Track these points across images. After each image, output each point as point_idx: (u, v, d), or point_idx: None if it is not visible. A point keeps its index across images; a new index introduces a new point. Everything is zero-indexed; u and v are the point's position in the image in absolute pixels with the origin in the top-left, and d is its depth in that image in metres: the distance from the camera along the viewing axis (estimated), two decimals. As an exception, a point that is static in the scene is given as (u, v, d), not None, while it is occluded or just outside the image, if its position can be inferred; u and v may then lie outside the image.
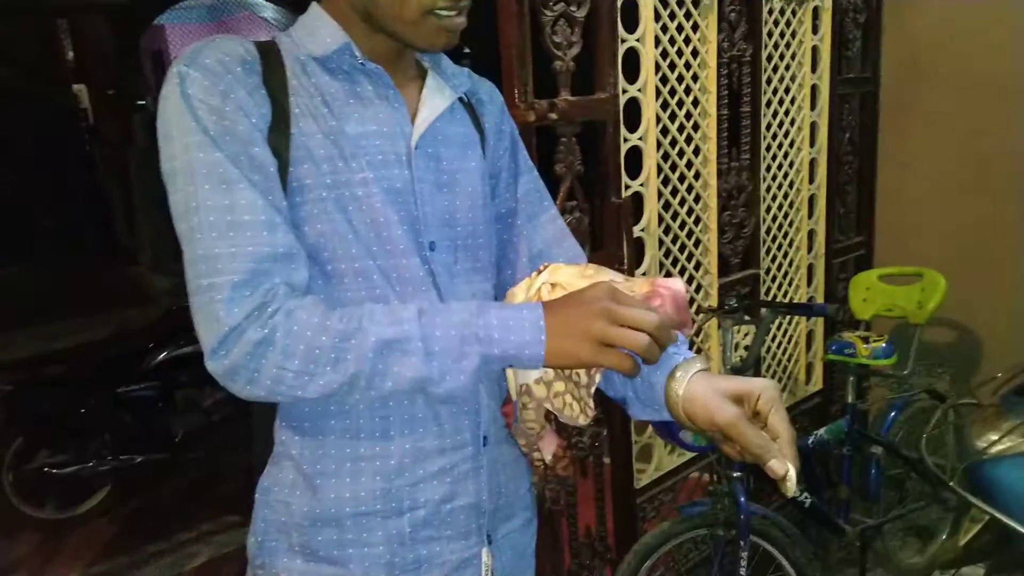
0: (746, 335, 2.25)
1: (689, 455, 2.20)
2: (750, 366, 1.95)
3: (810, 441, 2.15)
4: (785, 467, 0.72)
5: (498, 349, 0.75)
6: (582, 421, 0.90)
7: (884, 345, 2.16)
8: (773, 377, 2.49)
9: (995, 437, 1.65)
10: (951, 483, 1.72)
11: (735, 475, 1.90)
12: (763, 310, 1.95)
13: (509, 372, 0.90)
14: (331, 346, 0.75)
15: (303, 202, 0.81)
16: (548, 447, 1.02)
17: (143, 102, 7.54)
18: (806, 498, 2.06)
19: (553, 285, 0.90)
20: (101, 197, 7.53)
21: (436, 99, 0.91)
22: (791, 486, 0.73)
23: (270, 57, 0.83)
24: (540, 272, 0.93)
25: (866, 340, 2.18)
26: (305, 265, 0.80)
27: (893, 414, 2.35)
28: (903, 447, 2.31)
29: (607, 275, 0.92)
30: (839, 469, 2.26)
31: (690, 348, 2.13)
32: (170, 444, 3.39)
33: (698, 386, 0.79)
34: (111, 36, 7.14)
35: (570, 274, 0.92)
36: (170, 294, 5.13)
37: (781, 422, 0.75)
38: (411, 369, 0.75)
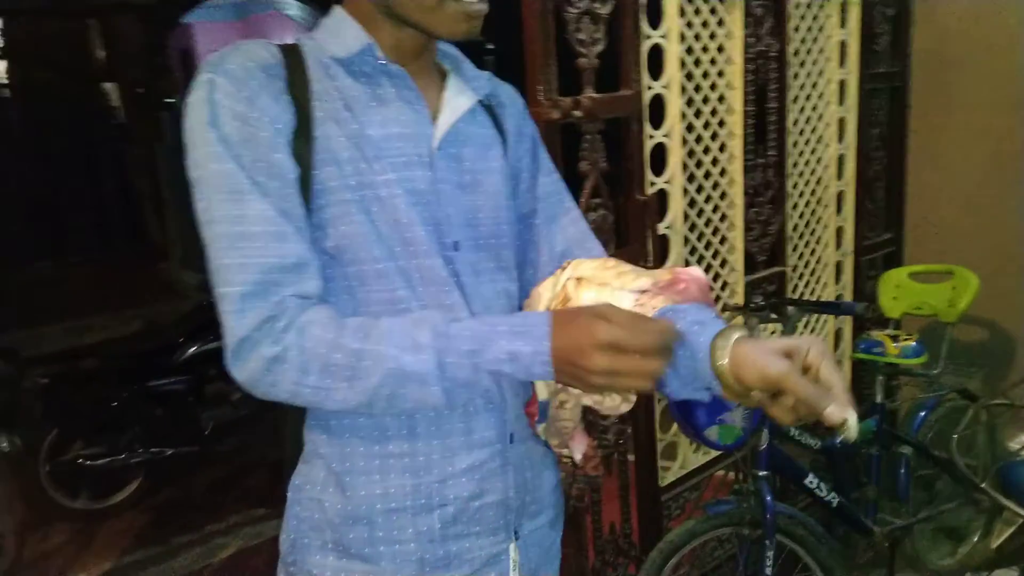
0: (773, 333, 2.23)
1: (715, 453, 2.19)
2: (776, 364, 1.93)
3: (838, 440, 2.13)
4: (844, 413, 0.70)
5: (506, 381, 0.79)
6: (624, 408, 0.91)
7: (914, 344, 2.13)
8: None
9: (1028, 438, 1.62)
10: (983, 485, 1.69)
11: (761, 474, 1.89)
12: (790, 308, 1.93)
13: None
14: (346, 364, 0.76)
15: (327, 204, 0.82)
16: (579, 446, 1.03)
17: (172, 100, 7.64)
18: (833, 497, 2.05)
19: (579, 280, 0.91)
20: (131, 193, 7.65)
21: (458, 101, 0.91)
22: (852, 432, 0.71)
23: (293, 60, 0.84)
24: (564, 269, 0.93)
25: (895, 339, 2.15)
26: (318, 274, 0.81)
27: (923, 414, 2.32)
28: (933, 447, 2.27)
29: (628, 267, 0.92)
30: (867, 469, 2.23)
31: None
32: (200, 437, 3.45)
33: (744, 347, 0.76)
34: (140, 35, 7.24)
35: (593, 267, 0.93)
36: (200, 289, 5.18)
37: (832, 373, 0.73)
38: (428, 397, 0.78)
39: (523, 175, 1.00)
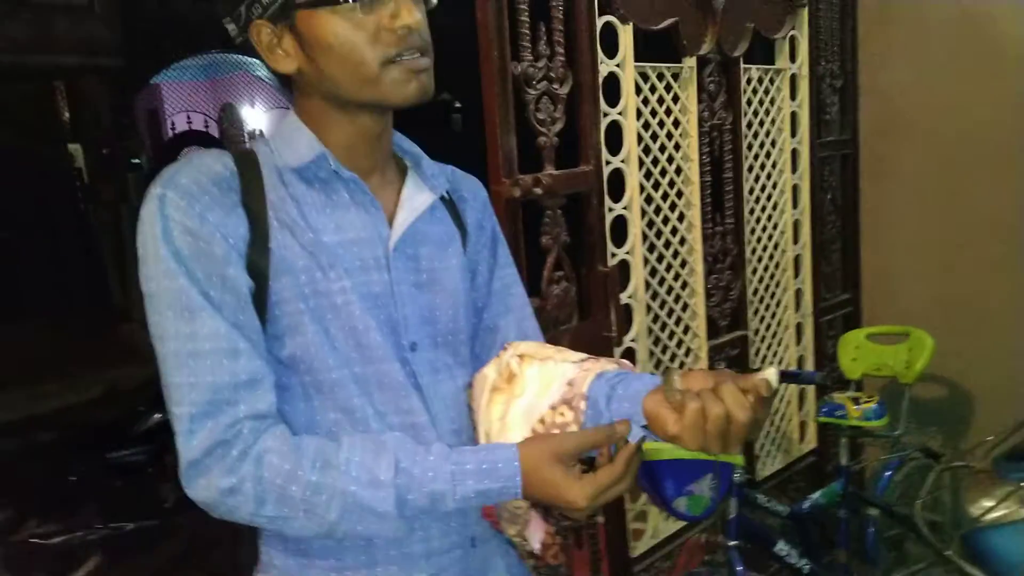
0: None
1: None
2: (741, 432, 1.95)
3: (805, 505, 2.14)
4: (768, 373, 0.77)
5: (474, 504, 0.80)
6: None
7: (875, 406, 2.16)
8: (766, 437, 2.49)
9: (989, 504, 1.65)
10: (948, 552, 1.70)
11: (731, 544, 1.89)
12: (752, 377, 1.95)
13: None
14: (302, 498, 0.76)
15: (281, 315, 0.82)
16: (535, 534, 1.02)
17: (137, 160, 7.62)
18: (805, 564, 2.04)
19: (521, 357, 0.92)
20: (95, 255, 7.55)
21: (416, 200, 0.92)
22: (772, 374, 0.78)
23: (248, 169, 0.85)
24: (505, 350, 0.95)
25: (856, 401, 2.18)
26: (272, 388, 0.81)
27: (888, 474, 2.34)
28: (900, 507, 2.29)
29: (568, 353, 0.93)
30: (836, 533, 2.24)
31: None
32: (161, 510, 3.34)
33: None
34: (106, 96, 7.24)
35: (534, 346, 0.94)
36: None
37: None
38: (387, 530, 0.79)
39: (480, 268, 1.01)
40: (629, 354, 2.00)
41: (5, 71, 6.61)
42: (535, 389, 0.87)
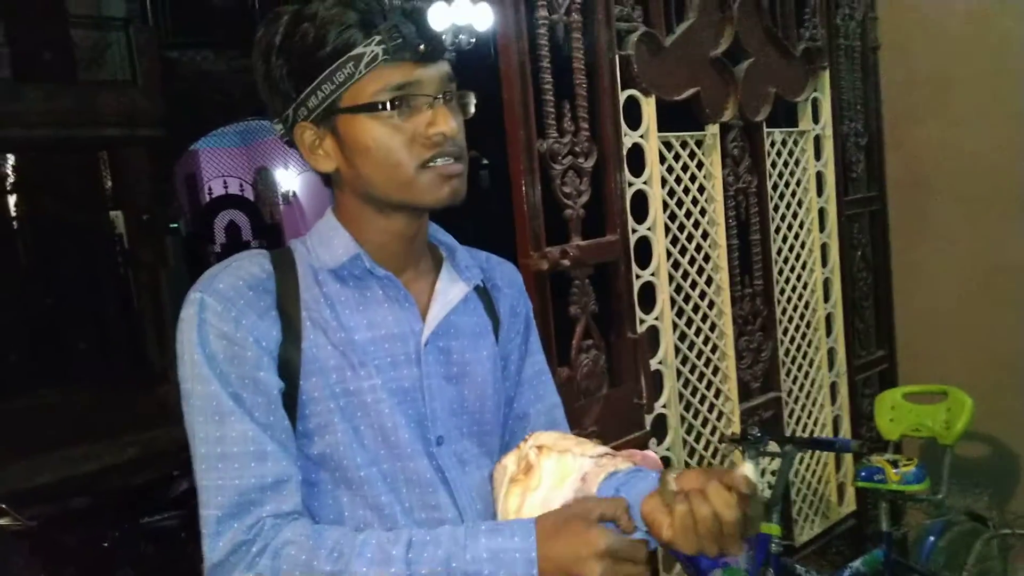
0: (772, 461, 2.22)
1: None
2: (777, 499, 1.91)
3: (846, 574, 2.08)
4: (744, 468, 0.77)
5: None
6: None
7: (915, 469, 2.11)
8: (803, 501, 2.43)
9: (1040, 575, 1.58)
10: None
11: (770, 615, 1.83)
12: (786, 446, 1.93)
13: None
14: None
15: (311, 414, 0.84)
16: None
17: (176, 224, 7.86)
18: (847, 637, 1.97)
19: (540, 448, 0.92)
20: (134, 317, 7.73)
21: (449, 293, 0.94)
22: (749, 469, 0.78)
23: (285, 271, 0.88)
24: (526, 441, 0.95)
25: (895, 464, 2.13)
26: (298, 489, 0.82)
27: (932, 539, 2.26)
28: (945, 574, 2.21)
29: (588, 446, 0.93)
30: (880, 602, 2.16)
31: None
32: (194, 575, 3.34)
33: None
34: (147, 165, 7.52)
35: (554, 438, 0.94)
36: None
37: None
38: None
39: (512, 356, 1.02)
40: (660, 420, 1.98)
41: (53, 143, 6.92)
42: (550, 483, 0.87)
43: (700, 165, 2.09)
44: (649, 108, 1.91)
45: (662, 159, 1.97)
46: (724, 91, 2.12)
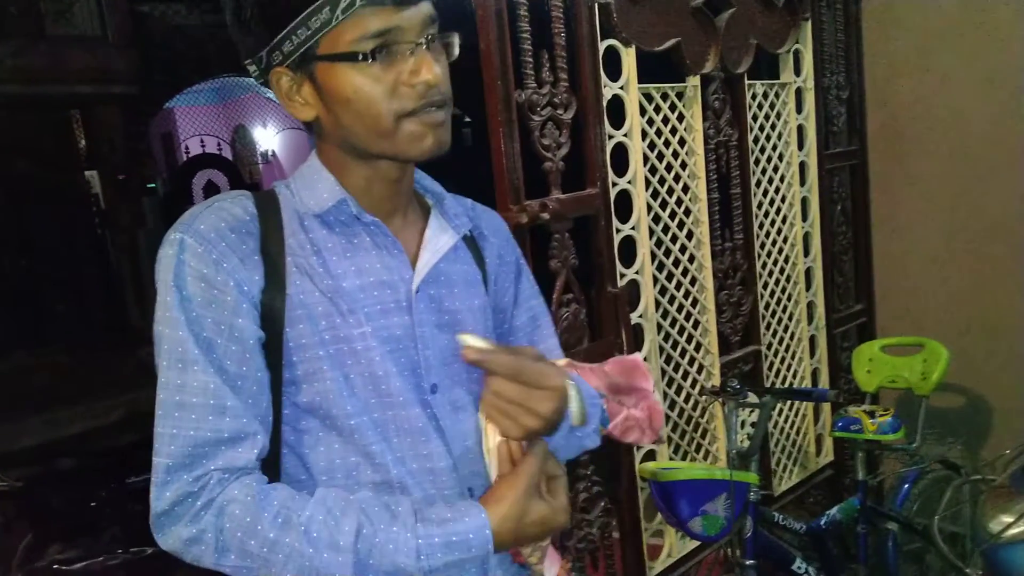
0: (751, 413, 2.25)
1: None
2: (755, 449, 1.94)
3: (823, 521, 2.13)
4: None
5: (443, 562, 0.79)
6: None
7: (890, 419, 2.15)
8: (782, 452, 2.48)
9: (1009, 519, 1.63)
10: (968, 569, 1.69)
11: (748, 563, 1.88)
12: (765, 396, 1.95)
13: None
14: (258, 552, 0.76)
15: (300, 361, 0.83)
16: (551, 568, 1.02)
17: (153, 184, 7.72)
18: (823, 581, 2.03)
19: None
20: (113, 279, 7.64)
21: (439, 240, 0.92)
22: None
23: (269, 214, 0.86)
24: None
25: (872, 415, 2.17)
26: (256, 445, 0.81)
27: (906, 487, 2.32)
28: (919, 520, 2.27)
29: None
30: (855, 548, 2.22)
31: (695, 430, 2.10)
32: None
33: None
34: (121, 123, 7.35)
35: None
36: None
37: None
38: None
39: (504, 305, 1.02)
40: (641, 373, 2.00)
41: (23, 101, 6.73)
42: None
43: (681, 118, 2.07)
44: (629, 59, 1.88)
45: (642, 111, 1.95)
46: (705, 42, 2.09)
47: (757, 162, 2.32)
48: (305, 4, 0.78)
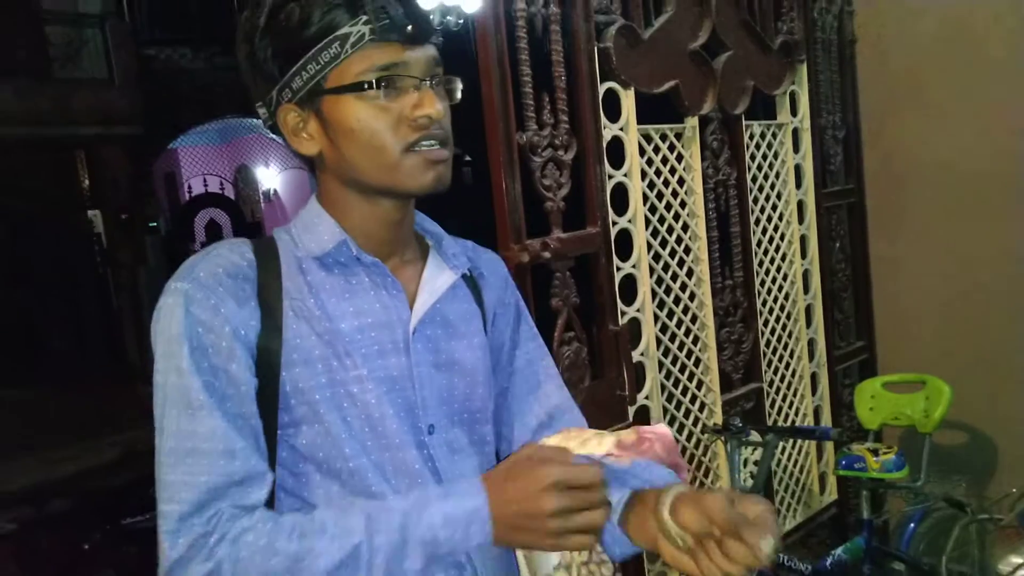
0: (754, 451, 2.23)
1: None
2: (759, 488, 1.93)
3: (828, 562, 2.10)
4: (764, 538, 0.74)
5: (446, 548, 0.77)
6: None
7: (894, 457, 2.14)
8: (785, 491, 2.45)
9: (1019, 560, 1.61)
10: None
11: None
12: (768, 435, 1.94)
13: (523, 563, 0.89)
14: (283, 569, 0.75)
15: (297, 404, 0.83)
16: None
17: (155, 223, 7.79)
18: (830, 623, 1.99)
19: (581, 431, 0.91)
20: (113, 317, 7.66)
21: (436, 280, 0.93)
22: (767, 550, 0.74)
23: (266, 259, 0.87)
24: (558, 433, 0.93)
25: (875, 452, 2.16)
26: (264, 484, 0.81)
27: (912, 526, 2.29)
28: (925, 558, 2.24)
29: (591, 433, 0.93)
30: (861, 589, 2.19)
31: (698, 468, 2.08)
32: None
33: (686, 495, 0.80)
34: (125, 163, 7.44)
35: (556, 439, 0.92)
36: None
37: (761, 507, 0.77)
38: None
39: (504, 346, 1.01)
40: (643, 412, 1.99)
41: (28, 142, 6.83)
42: None
43: (680, 158, 2.10)
44: (628, 101, 1.92)
45: (642, 152, 1.97)
46: (703, 84, 2.13)
47: (756, 201, 2.35)
48: (317, 39, 0.81)
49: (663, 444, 0.97)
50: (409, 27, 0.82)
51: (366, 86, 0.82)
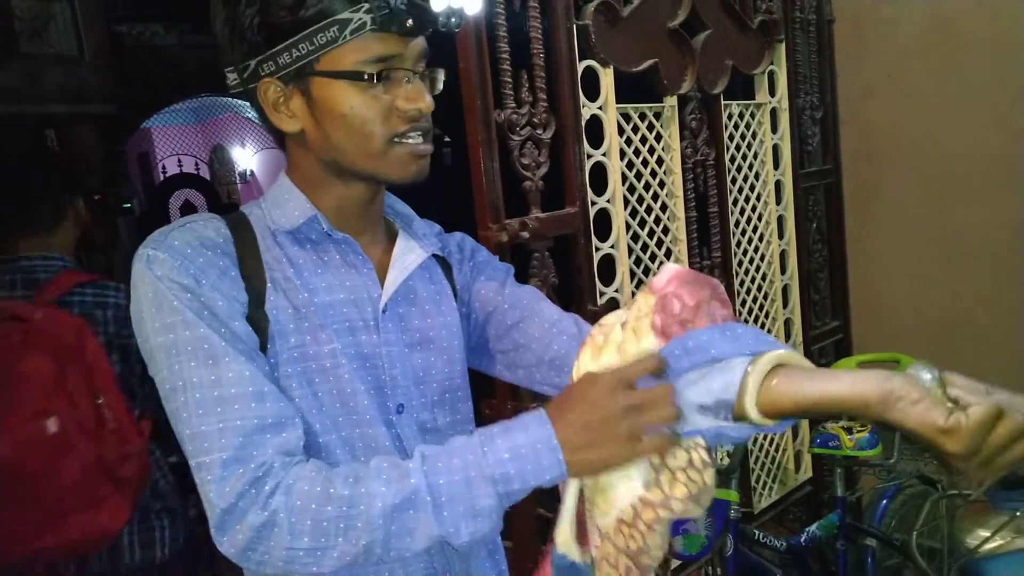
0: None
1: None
2: (735, 467, 1.95)
3: (803, 538, 2.13)
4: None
5: (518, 483, 0.74)
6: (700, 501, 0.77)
7: (868, 435, 2.17)
8: (761, 469, 2.48)
9: (985, 534, 1.64)
10: (945, 583, 1.70)
11: (729, 580, 1.88)
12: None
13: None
14: (338, 515, 0.73)
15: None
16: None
17: (128, 205, 7.65)
18: (804, 598, 2.03)
19: (601, 326, 0.83)
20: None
21: (407, 258, 0.93)
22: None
23: (241, 233, 0.86)
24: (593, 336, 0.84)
25: (850, 431, 2.19)
26: (296, 427, 0.79)
27: (884, 503, 2.34)
28: (897, 536, 2.28)
29: (613, 319, 0.83)
30: (835, 565, 2.23)
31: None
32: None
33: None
34: (97, 143, 7.29)
35: (586, 352, 0.83)
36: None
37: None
38: (425, 528, 0.74)
39: (488, 296, 0.99)
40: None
41: (-3, 121, 6.66)
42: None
43: (659, 137, 2.09)
44: (607, 79, 1.90)
45: (620, 131, 1.96)
46: (682, 63, 2.12)
47: (734, 181, 2.35)
48: (314, 20, 0.80)
49: (683, 284, 0.82)
50: (409, 21, 0.81)
51: (365, 77, 0.81)
